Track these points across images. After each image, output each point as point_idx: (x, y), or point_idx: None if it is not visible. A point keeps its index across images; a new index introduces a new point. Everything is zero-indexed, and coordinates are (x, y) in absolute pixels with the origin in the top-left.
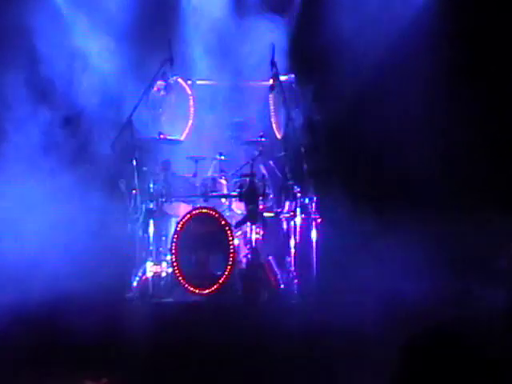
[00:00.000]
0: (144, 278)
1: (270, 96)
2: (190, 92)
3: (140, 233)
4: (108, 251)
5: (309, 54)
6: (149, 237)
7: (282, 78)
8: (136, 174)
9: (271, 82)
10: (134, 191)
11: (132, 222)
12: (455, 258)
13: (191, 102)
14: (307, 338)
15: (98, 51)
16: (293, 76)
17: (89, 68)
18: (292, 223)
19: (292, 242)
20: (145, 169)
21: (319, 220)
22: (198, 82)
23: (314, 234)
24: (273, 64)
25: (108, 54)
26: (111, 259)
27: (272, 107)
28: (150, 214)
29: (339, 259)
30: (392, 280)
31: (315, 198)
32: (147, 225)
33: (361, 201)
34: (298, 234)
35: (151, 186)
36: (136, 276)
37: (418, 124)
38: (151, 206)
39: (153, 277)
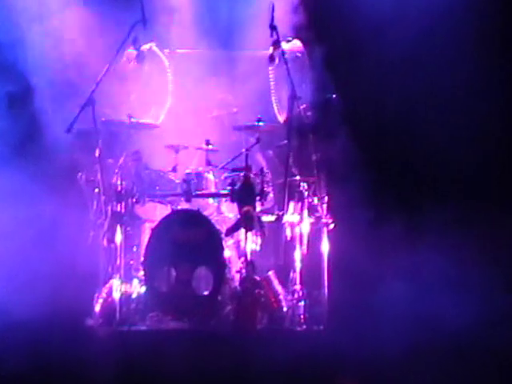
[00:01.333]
0: (109, 299)
1: (270, 69)
2: (167, 64)
3: (104, 242)
4: (63, 267)
5: (320, 13)
6: (116, 247)
7: (285, 45)
8: (99, 167)
9: (271, 50)
10: (96, 190)
11: (94, 229)
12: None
13: (169, 77)
14: (315, 376)
15: (53, 10)
16: (299, 43)
17: (41, 31)
18: (297, 230)
19: (297, 254)
20: (110, 161)
21: (332, 225)
22: (179, 51)
23: (325, 244)
24: (272, 28)
25: (66, 14)
26: (67, 277)
27: (272, 83)
28: (117, 218)
29: (356, 275)
30: (424, 301)
31: (327, 198)
32: (114, 232)
33: (385, 200)
34: (304, 243)
35: (119, 182)
36: (99, 298)
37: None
38: (119, 208)
39: (121, 298)
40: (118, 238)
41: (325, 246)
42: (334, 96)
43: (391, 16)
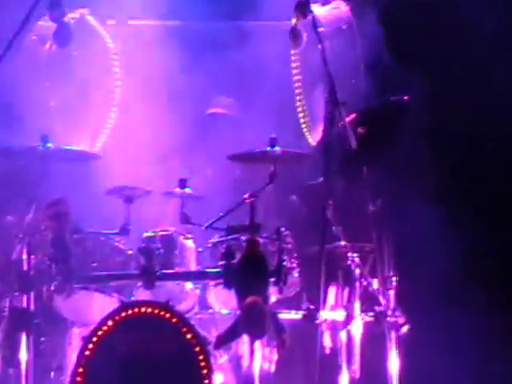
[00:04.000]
0: None
1: (293, 53)
2: (111, 44)
3: None
4: None
5: None
6: (18, 374)
7: (320, 10)
8: None
9: (294, 22)
10: None
11: None
12: None
13: (116, 66)
14: None
15: None
16: (344, 7)
17: None
18: (343, 336)
19: (344, 379)
20: (10, 218)
21: (405, 328)
22: (132, 23)
23: (393, 360)
24: None
25: None
26: None
27: (297, 78)
28: (20, 321)
29: None
30: None
31: (395, 280)
32: (15, 345)
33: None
34: (356, 359)
35: (24, 257)
36: None
37: None
38: (24, 302)
39: None
40: (23, 356)
41: (393, 364)
42: (406, 98)
43: None
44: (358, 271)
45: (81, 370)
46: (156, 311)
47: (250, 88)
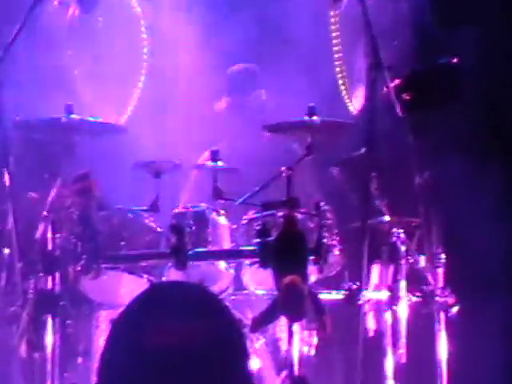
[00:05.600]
0: None
1: (332, 14)
2: (138, 9)
3: (22, 350)
4: None
5: None
6: (45, 358)
7: None
8: (10, 206)
9: None
10: (6, 250)
11: (4, 325)
12: None
13: (144, 35)
14: None
15: None
16: None
17: None
18: (388, 317)
19: (389, 363)
20: (33, 195)
21: (455, 309)
22: None
23: (442, 344)
24: None
25: None
26: None
27: (336, 41)
28: (46, 302)
29: None
30: None
31: (444, 257)
32: (40, 329)
33: None
34: (402, 341)
35: (49, 235)
36: None
37: None
38: (49, 283)
39: None
40: (49, 340)
41: (442, 349)
42: (456, 61)
43: None
44: (403, 248)
45: (108, 355)
46: (188, 293)
47: (281, 52)
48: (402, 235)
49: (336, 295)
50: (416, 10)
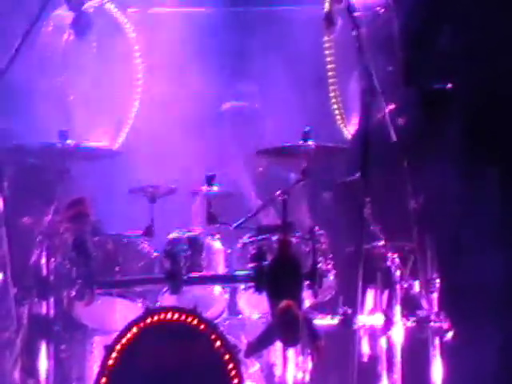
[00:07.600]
0: None
1: (327, 40)
2: (132, 34)
3: (16, 377)
4: None
5: None
6: (39, 380)
7: None
8: (4, 232)
9: (328, 7)
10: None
11: None
12: None
13: (137, 57)
14: None
15: None
16: None
17: None
18: (383, 343)
19: None
20: (27, 220)
21: (450, 334)
22: (156, 10)
23: (436, 368)
24: None
25: None
26: None
27: (331, 67)
28: (39, 328)
29: None
30: None
31: (439, 282)
32: (34, 354)
33: None
34: (397, 366)
35: (43, 261)
36: None
37: None
38: (43, 309)
39: None
40: (43, 365)
41: (437, 374)
42: (449, 87)
43: None
44: (398, 273)
45: (104, 380)
46: (183, 318)
47: (278, 77)
48: (397, 260)
49: (331, 320)
50: (410, 37)
